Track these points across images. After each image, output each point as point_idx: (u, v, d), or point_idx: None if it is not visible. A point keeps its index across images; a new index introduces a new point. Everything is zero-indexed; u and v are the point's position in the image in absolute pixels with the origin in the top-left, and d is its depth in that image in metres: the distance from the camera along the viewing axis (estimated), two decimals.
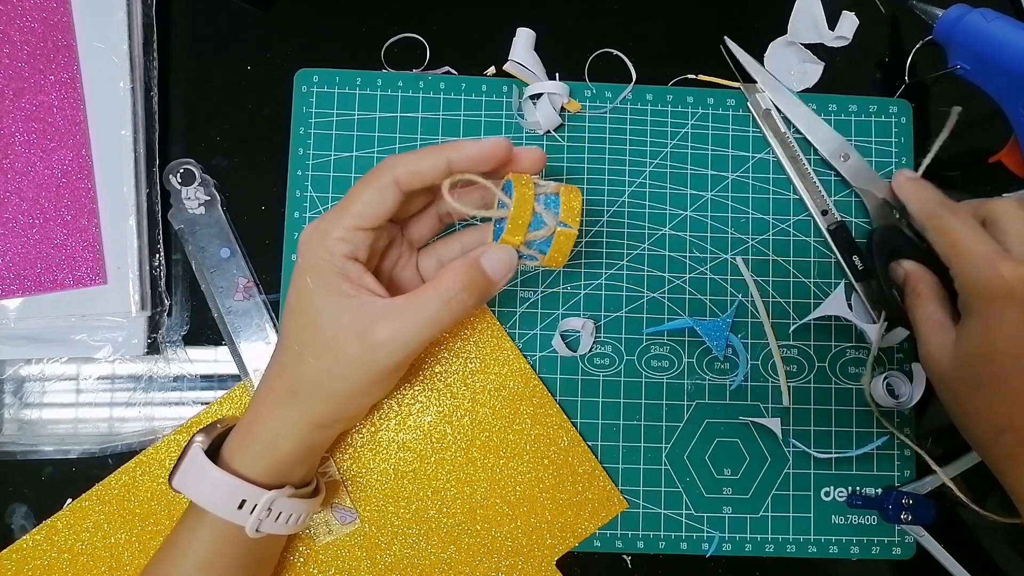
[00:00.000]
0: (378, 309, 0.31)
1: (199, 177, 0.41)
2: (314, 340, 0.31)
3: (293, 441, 0.33)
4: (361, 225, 0.31)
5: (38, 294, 0.39)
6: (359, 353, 0.31)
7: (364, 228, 0.31)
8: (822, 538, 0.41)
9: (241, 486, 0.32)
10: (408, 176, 0.31)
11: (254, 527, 0.32)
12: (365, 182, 0.32)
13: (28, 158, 0.39)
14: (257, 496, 0.32)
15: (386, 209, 0.31)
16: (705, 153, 0.43)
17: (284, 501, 0.33)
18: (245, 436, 0.34)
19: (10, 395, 0.40)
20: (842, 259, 0.42)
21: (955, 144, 0.43)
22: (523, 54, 0.42)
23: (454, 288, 0.31)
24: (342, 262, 0.31)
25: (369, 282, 0.32)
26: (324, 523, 0.39)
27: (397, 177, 0.31)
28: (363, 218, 0.31)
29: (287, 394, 0.33)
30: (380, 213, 0.31)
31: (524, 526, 0.40)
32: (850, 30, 0.44)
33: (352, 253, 0.31)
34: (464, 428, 0.41)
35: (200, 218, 0.41)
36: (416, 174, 0.31)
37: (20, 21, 0.40)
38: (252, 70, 0.43)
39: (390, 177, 0.31)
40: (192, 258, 0.41)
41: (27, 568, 0.38)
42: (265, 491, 0.32)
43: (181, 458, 0.33)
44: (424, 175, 0.31)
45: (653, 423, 0.41)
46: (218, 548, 0.33)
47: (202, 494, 0.32)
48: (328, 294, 0.31)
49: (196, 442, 0.33)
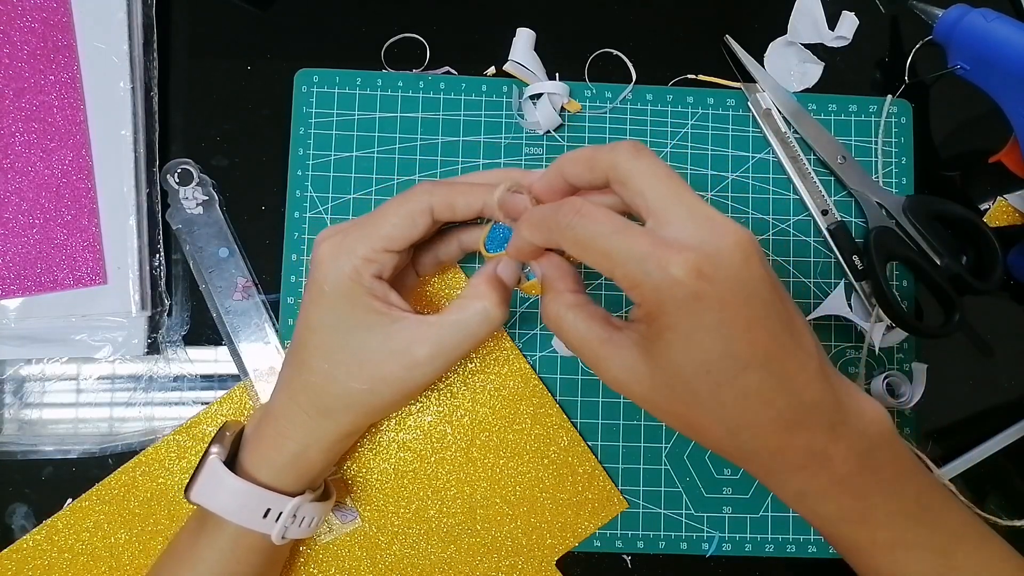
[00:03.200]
0: (414, 328, 0.31)
1: (197, 177, 0.41)
2: (349, 360, 0.31)
3: (324, 453, 0.34)
4: (390, 247, 0.31)
5: (38, 294, 0.39)
6: (399, 372, 0.31)
7: (392, 250, 0.31)
8: (822, 538, 0.41)
9: (267, 495, 0.32)
10: (443, 209, 0.31)
11: (280, 534, 0.33)
12: (398, 204, 0.32)
13: (28, 158, 0.39)
14: (282, 504, 0.33)
15: (416, 233, 0.31)
16: (705, 153, 0.43)
17: (307, 506, 0.34)
18: (270, 450, 0.33)
19: (10, 395, 0.40)
20: (842, 259, 0.42)
21: (955, 144, 0.43)
22: (523, 54, 0.42)
23: (490, 304, 0.31)
24: (370, 281, 0.31)
25: (395, 299, 0.32)
26: (325, 522, 0.39)
27: (433, 207, 0.31)
28: (392, 240, 0.31)
29: (317, 411, 0.33)
30: (410, 236, 0.31)
31: (524, 526, 0.40)
32: (850, 30, 0.44)
33: (379, 273, 0.31)
34: (464, 428, 0.41)
35: (198, 218, 0.41)
36: (450, 208, 0.31)
37: (20, 21, 0.40)
38: (252, 70, 0.43)
39: (426, 204, 0.31)
40: (190, 258, 0.41)
41: (27, 568, 0.38)
42: (290, 499, 0.33)
43: (197, 471, 0.33)
44: (457, 211, 0.32)
45: (653, 423, 0.41)
46: (239, 557, 0.33)
47: (224, 505, 0.32)
48: (359, 313, 0.31)
49: (213, 453, 0.33)
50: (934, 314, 0.43)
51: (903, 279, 0.43)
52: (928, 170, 0.44)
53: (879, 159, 0.44)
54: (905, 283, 0.43)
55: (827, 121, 0.44)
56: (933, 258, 0.41)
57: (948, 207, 0.42)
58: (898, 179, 0.44)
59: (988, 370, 0.43)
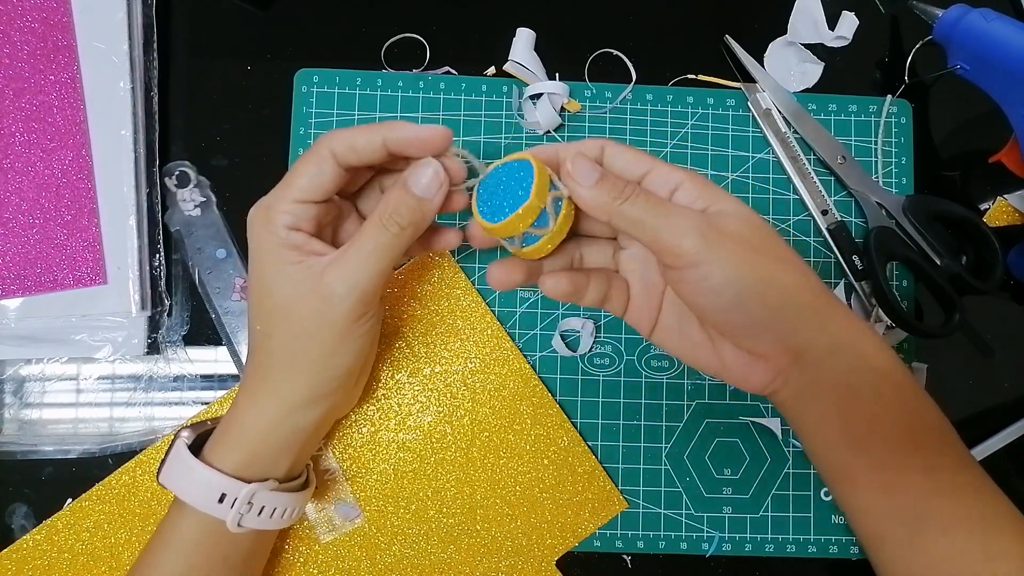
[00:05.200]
0: (325, 262, 0.31)
1: (194, 179, 0.41)
2: (273, 311, 0.32)
3: (268, 428, 0.33)
4: (302, 198, 0.31)
5: (38, 294, 0.39)
6: (317, 306, 0.31)
7: (306, 201, 0.32)
8: (822, 538, 0.41)
9: (220, 480, 0.32)
10: (345, 151, 0.31)
11: (235, 521, 0.32)
12: (305, 157, 0.32)
13: (28, 158, 0.39)
14: (237, 490, 0.32)
15: (325, 181, 0.31)
16: (705, 153, 0.43)
17: (266, 495, 0.33)
18: (223, 430, 0.33)
19: (10, 395, 0.40)
20: (842, 259, 0.42)
21: (955, 144, 0.43)
22: (523, 54, 0.42)
23: (385, 214, 0.31)
24: (285, 233, 0.31)
25: (316, 246, 0.32)
26: (327, 520, 0.39)
27: (334, 151, 0.31)
28: (304, 191, 0.31)
29: (258, 380, 0.33)
30: (320, 185, 0.31)
31: (524, 526, 0.40)
32: (850, 30, 0.44)
33: (295, 224, 0.31)
34: (464, 428, 0.41)
35: (196, 219, 0.41)
36: (352, 149, 0.31)
37: (20, 21, 0.40)
38: (252, 70, 0.43)
39: (327, 151, 0.31)
40: (189, 259, 0.41)
41: (27, 568, 0.38)
42: (245, 485, 0.32)
43: (167, 454, 0.33)
44: (360, 150, 0.31)
45: (653, 423, 0.41)
46: (200, 540, 0.33)
47: (184, 488, 0.32)
48: (277, 264, 0.31)
49: (181, 437, 0.33)
50: (934, 314, 0.43)
51: (903, 279, 0.43)
52: (928, 170, 0.44)
53: (879, 159, 0.44)
54: (905, 283, 0.43)
55: (827, 121, 0.44)
56: (933, 258, 0.41)
57: (948, 207, 0.42)
58: (898, 179, 0.44)
59: (988, 370, 0.43)
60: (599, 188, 0.30)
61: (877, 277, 0.40)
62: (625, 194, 0.30)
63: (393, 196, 0.31)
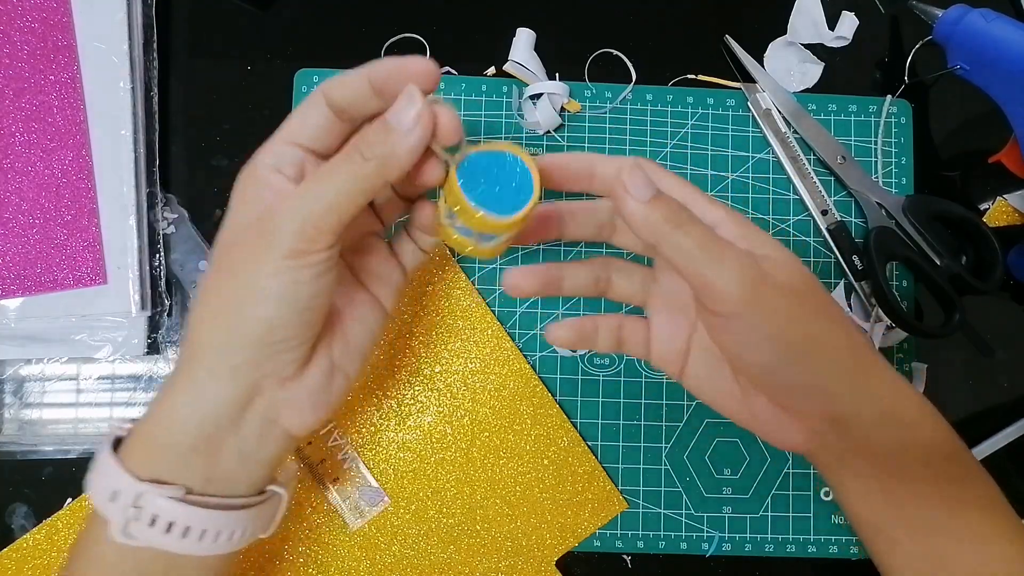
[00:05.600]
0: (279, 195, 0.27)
1: (162, 197, 0.41)
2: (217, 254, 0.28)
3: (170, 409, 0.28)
4: (289, 140, 0.29)
5: (38, 294, 0.39)
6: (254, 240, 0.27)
7: (293, 143, 0.29)
8: (822, 538, 0.41)
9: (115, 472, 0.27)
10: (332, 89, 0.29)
11: (120, 527, 0.26)
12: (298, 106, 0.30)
13: (28, 158, 0.39)
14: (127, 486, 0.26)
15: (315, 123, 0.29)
16: (705, 153, 0.43)
17: (164, 503, 0.26)
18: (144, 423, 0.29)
19: (10, 395, 0.40)
20: (842, 259, 0.42)
21: (955, 144, 0.43)
22: (523, 54, 0.42)
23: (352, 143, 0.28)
24: (261, 172, 0.28)
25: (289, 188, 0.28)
26: (354, 507, 0.39)
27: (324, 91, 0.29)
28: (292, 132, 0.29)
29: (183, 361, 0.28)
30: (310, 126, 0.29)
31: (524, 526, 0.40)
32: (850, 30, 0.44)
33: (276, 165, 0.28)
34: (464, 428, 0.41)
35: (172, 236, 0.41)
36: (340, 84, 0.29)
37: (20, 21, 0.40)
38: (252, 70, 0.43)
39: (318, 93, 0.29)
40: (173, 276, 0.41)
41: (27, 568, 0.38)
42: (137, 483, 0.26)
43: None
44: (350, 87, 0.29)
45: (653, 423, 0.41)
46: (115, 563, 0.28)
47: (88, 481, 0.28)
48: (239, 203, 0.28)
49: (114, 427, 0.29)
50: (934, 314, 0.43)
51: (903, 279, 0.43)
52: (928, 170, 0.44)
53: (879, 159, 0.44)
54: (905, 283, 0.43)
55: (827, 121, 0.44)
56: (933, 258, 0.41)
57: (948, 207, 0.42)
58: (898, 179, 0.44)
59: (988, 370, 0.43)
60: (652, 207, 0.26)
61: (877, 277, 0.40)
62: (679, 220, 0.27)
63: (366, 127, 0.28)
